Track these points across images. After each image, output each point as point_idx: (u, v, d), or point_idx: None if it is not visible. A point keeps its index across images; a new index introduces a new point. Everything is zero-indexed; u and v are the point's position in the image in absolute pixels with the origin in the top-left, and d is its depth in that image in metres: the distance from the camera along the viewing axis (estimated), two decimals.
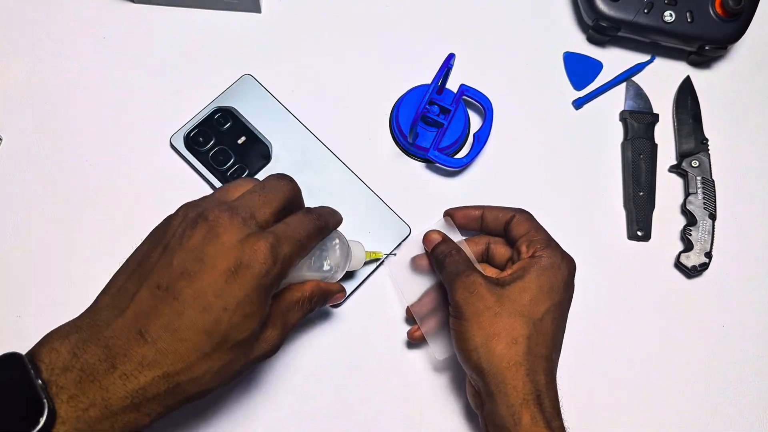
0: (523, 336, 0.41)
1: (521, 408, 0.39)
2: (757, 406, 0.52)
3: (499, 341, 0.41)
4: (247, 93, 0.54)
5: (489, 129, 0.54)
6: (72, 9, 0.56)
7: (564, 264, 0.44)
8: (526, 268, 0.43)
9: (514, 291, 0.42)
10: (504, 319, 0.41)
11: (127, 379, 0.33)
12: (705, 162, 0.56)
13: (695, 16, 0.56)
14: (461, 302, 0.42)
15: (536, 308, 0.42)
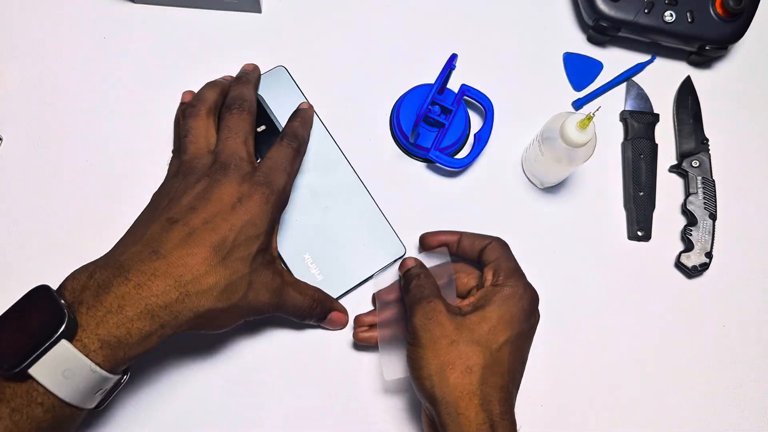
0: (478, 365, 0.40)
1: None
2: (757, 406, 0.52)
3: (454, 370, 0.40)
4: (278, 84, 0.54)
5: (490, 129, 0.54)
6: (72, 9, 0.56)
7: (526, 294, 0.44)
8: (488, 297, 0.43)
9: (474, 320, 0.42)
10: (460, 347, 0.40)
11: (141, 288, 0.36)
12: (705, 162, 0.56)
13: (696, 16, 0.56)
14: (419, 327, 0.42)
15: (495, 338, 0.41)
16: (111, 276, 0.37)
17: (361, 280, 0.51)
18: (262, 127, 0.53)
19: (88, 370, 0.35)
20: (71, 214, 0.51)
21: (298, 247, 0.51)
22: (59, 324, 0.34)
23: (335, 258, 0.51)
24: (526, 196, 0.55)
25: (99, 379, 0.35)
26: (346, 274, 0.51)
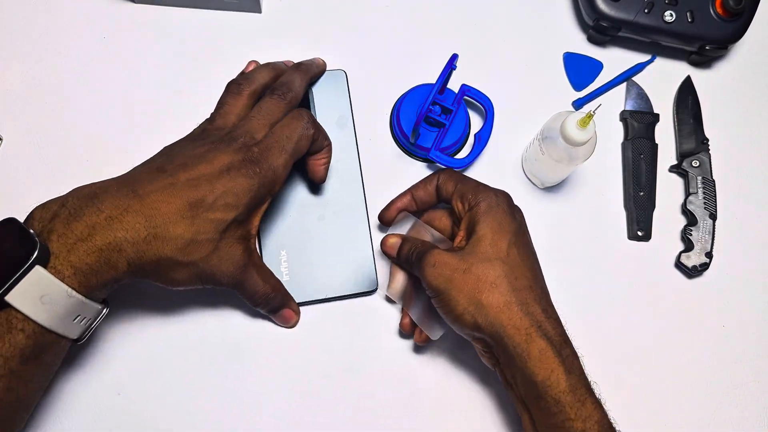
0: (500, 277, 0.41)
1: (527, 344, 0.40)
2: (757, 406, 0.52)
3: (481, 292, 0.41)
4: (332, 85, 0.55)
5: (490, 129, 0.54)
6: (72, 9, 0.56)
7: (500, 198, 0.45)
8: (472, 220, 0.44)
9: (472, 245, 0.43)
10: (474, 271, 0.42)
11: (112, 220, 0.37)
12: (705, 162, 0.56)
13: (696, 16, 0.56)
14: (431, 279, 0.43)
15: (498, 248, 0.43)
16: (83, 205, 0.37)
17: (323, 297, 0.50)
18: None
19: (65, 294, 0.35)
20: None
21: (280, 240, 0.51)
22: (31, 251, 0.34)
23: (308, 266, 0.50)
24: (526, 196, 0.55)
25: (77, 303, 0.36)
26: (312, 286, 0.50)
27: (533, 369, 0.40)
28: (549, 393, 0.39)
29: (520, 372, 0.40)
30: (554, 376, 0.39)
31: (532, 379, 0.40)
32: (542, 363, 0.40)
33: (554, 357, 0.40)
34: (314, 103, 0.54)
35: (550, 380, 0.39)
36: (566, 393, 0.39)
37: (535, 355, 0.40)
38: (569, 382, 0.40)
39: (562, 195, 0.56)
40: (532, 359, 0.40)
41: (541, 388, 0.40)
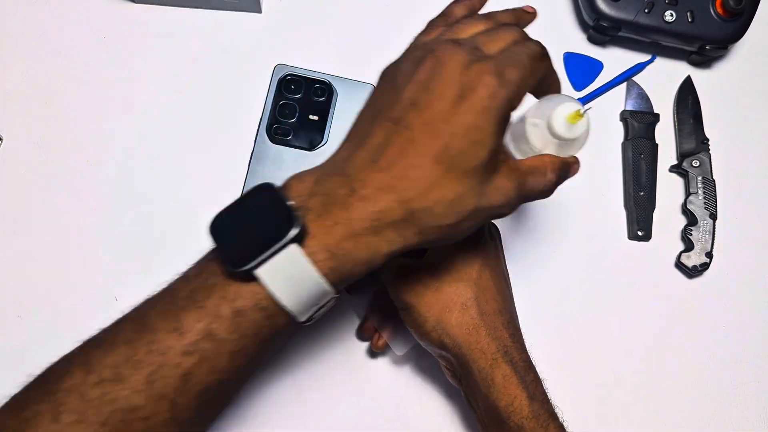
0: (471, 299, 0.41)
1: (491, 369, 0.40)
2: (757, 406, 0.52)
3: (452, 312, 0.41)
4: (357, 96, 0.54)
5: None
6: (72, 9, 0.56)
7: None
8: None
9: (446, 261, 0.42)
10: (446, 289, 0.41)
11: (366, 201, 0.34)
12: (706, 162, 0.56)
13: (696, 16, 0.56)
14: (399, 292, 0.42)
15: (471, 269, 0.42)
16: (338, 185, 0.34)
17: None
18: (316, 117, 0.54)
19: (314, 280, 0.33)
20: (71, 213, 0.51)
21: None
22: (289, 227, 0.32)
23: None
24: None
25: (321, 291, 0.33)
26: None
27: (497, 395, 0.40)
28: (512, 419, 0.39)
29: (482, 396, 0.40)
30: (517, 402, 0.39)
31: (495, 404, 0.40)
32: (506, 389, 0.40)
33: (518, 383, 0.40)
34: (334, 107, 0.54)
35: (513, 406, 0.39)
36: (529, 419, 0.39)
37: (499, 381, 0.40)
38: (532, 408, 0.39)
39: (562, 195, 0.56)
40: (496, 385, 0.40)
41: (504, 414, 0.39)
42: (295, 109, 0.54)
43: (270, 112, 0.53)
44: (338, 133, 0.54)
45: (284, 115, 0.53)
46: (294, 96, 0.54)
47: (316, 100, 0.54)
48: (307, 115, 0.54)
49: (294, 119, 0.53)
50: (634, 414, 0.51)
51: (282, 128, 0.53)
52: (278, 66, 0.54)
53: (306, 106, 0.54)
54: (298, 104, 0.54)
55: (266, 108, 0.54)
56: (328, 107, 0.54)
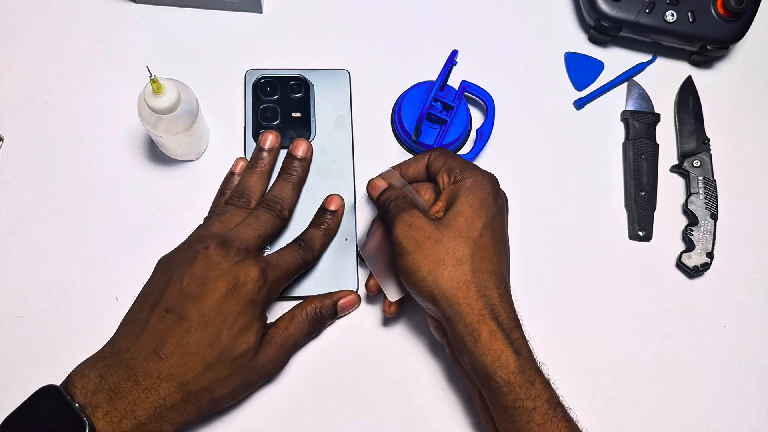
0: (466, 255, 0.42)
1: (478, 324, 0.41)
2: (757, 406, 0.52)
3: (445, 265, 0.42)
4: (334, 84, 0.54)
5: (492, 124, 0.54)
6: (72, 9, 0.56)
7: (486, 179, 0.45)
8: (454, 194, 0.45)
9: (450, 218, 0.43)
10: (445, 243, 0.42)
11: (149, 392, 0.38)
12: (706, 162, 0.56)
13: (697, 16, 0.56)
14: (401, 237, 0.43)
15: (473, 227, 0.43)
16: (122, 379, 0.38)
17: (302, 295, 0.49)
18: (298, 114, 0.53)
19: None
20: (71, 213, 0.51)
21: None
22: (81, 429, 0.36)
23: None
24: (527, 196, 0.55)
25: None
26: (293, 284, 0.49)
27: (482, 350, 0.40)
28: (498, 373, 0.40)
29: (468, 352, 0.41)
30: (503, 357, 0.40)
31: (482, 359, 0.40)
32: (492, 344, 0.40)
33: (504, 339, 0.40)
34: (314, 100, 0.54)
35: (500, 361, 0.40)
36: (515, 373, 0.40)
37: (485, 336, 0.40)
38: (518, 363, 0.40)
39: (562, 195, 0.56)
40: (482, 340, 0.40)
41: (490, 369, 0.40)
42: (276, 111, 0.53)
43: (252, 119, 0.53)
44: (325, 125, 0.53)
45: (266, 118, 0.53)
46: (271, 98, 0.53)
47: (294, 97, 0.54)
48: (290, 113, 0.53)
49: (277, 121, 0.53)
50: (634, 414, 0.51)
51: (263, 129, 0.52)
52: (249, 71, 0.54)
53: (286, 105, 0.53)
54: (277, 105, 0.53)
55: (247, 115, 0.53)
56: (307, 101, 0.54)
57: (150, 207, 0.52)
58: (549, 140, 0.57)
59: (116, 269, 0.50)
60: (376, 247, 0.49)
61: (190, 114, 0.46)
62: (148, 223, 0.51)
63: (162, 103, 0.43)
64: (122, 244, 0.51)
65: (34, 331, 0.49)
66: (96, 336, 0.48)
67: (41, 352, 0.48)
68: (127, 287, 0.49)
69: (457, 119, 0.54)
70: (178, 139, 0.47)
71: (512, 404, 0.40)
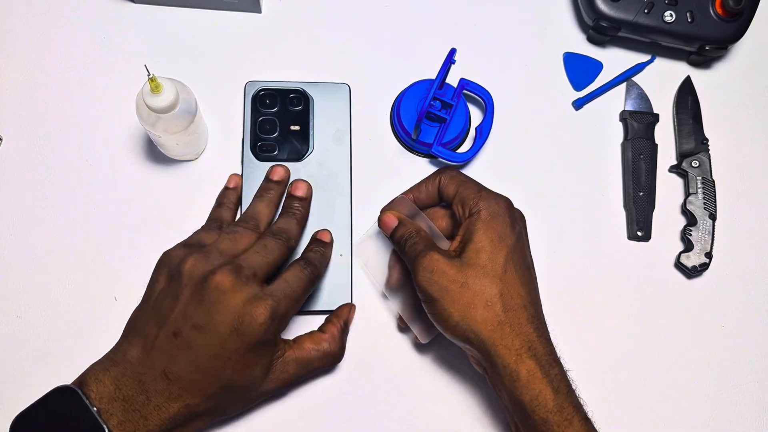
0: (495, 296, 0.42)
1: (516, 365, 0.40)
2: (757, 406, 0.52)
3: (476, 308, 0.41)
4: (334, 98, 0.54)
5: (491, 121, 0.54)
6: (72, 9, 0.56)
7: (500, 207, 0.45)
8: (471, 229, 0.44)
9: (470, 256, 0.43)
10: (471, 286, 0.42)
11: (160, 409, 0.40)
12: (705, 162, 0.56)
13: (695, 16, 0.56)
14: (425, 285, 0.43)
15: (496, 264, 0.42)
16: (135, 392, 0.40)
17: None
18: (297, 127, 0.53)
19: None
20: (70, 213, 0.51)
21: None
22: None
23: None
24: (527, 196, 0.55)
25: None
26: None
27: (521, 389, 0.40)
28: (537, 412, 0.40)
29: (507, 390, 0.41)
30: (542, 397, 0.40)
31: (520, 398, 0.40)
32: (530, 384, 0.40)
33: (542, 377, 0.40)
34: (313, 113, 0.53)
35: (538, 400, 0.40)
36: (553, 413, 0.40)
37: (524, 375, 0.40)
38: (556, 402, 0.40)
39: (562, 195, 0.56)
40: (520, 380, 0.40)
41: (528, 408, 0.40)
42: (275, 123, 0.53)
43: (250, 131, 0.52)
44: (323, 139, 0.53)
45: (265, 131, 0.52)
46: (271, 110, 0.53)
47: (293, 110, 0.53)
48: (288, 126, 0.53)
49: (276, 133, 0.52)
50: (634, 414, 0.51)
51: (266, 144, 0.52)
52: (249, 83, 0.53)
53: (285, 117, 0.53)
54: (276, 117, 0.53)
55: (246, 127, 0.52)
56: (306, 115, 0.53)
57: (149, 207, 0.52)
58: (547, 140, 0.57)
59: (115, 269, 0.50)
60: (398, 285, 0.49)
61: (189, 113, 0.46)
62: (147, 223, 0.51)
63: (160, 102, 0.43)
64: (121, 244, 0.51)
65: (33, 331, 0.49)
66: (95, 336, 0.48)
67: (40, 351, 0.48)
68: (126, 287, 0.50)
69: (456, 117, 0.54)
70: (177, 138, 0.47)
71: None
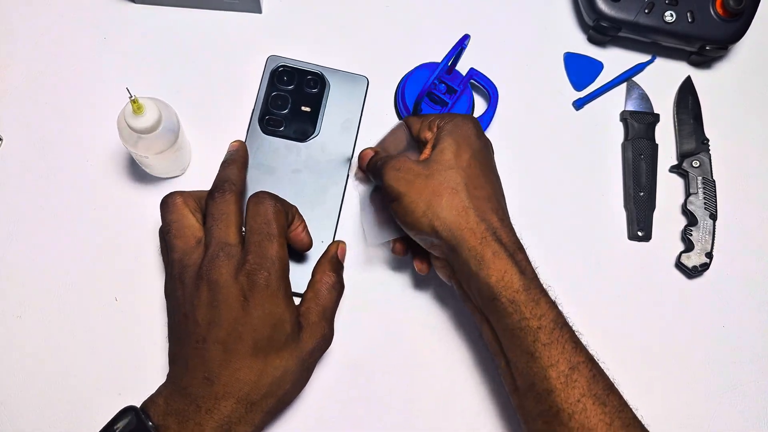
0: (460, 184, 0.43)
1: (481, 246, 0.41)
2: (757, 406, 0.52)
3: (441, 196, 0.42)
4: (350, 88, 0.55)
5: (492, 114, 0.54)
6: (72, 9, 0.56)
7: (467, 119, 0.46)
8: (438, 137, 0.45)
9: (436, 154, 0.44)
10: (436, 176, 0.43)
11: (212, 412, 0.40)
12: (706, 162, 0.56)
13: (696, 16, 0.56)
14: (392, 181, 0.44)
15: (460, 159, 0.44)
16: (184, 405, 0.40)
17: None
18: (308, 108, 0.53)
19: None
20: (70, 214, 0.51)
21: None
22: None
23: None
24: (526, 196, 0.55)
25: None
26: None
27: (487, 271, 0.41)
28: (503, 294, 0.40)
29: (474, 276, 0.41)
30: (507, 277, 0.40)
31: (486, 280, 0.41)
32: (495, 264, 0.41)
33: (507, 259, 0.41)
34: (327, 98, 0.54)
35: (504, 281, 0.40)
36: (520, 292, 0.40)
37: (489, 257, 0.41)
38: (522, 282, 0.40)
39: (562, 195, 0.56)
40: (485, 261, 0.41)
41: (495, 290, 0.40)
42: (288, 101, 0.54)
43: (262, 104, 0.53)
44: (331, 125, 0.53)
45: (276, 106, 0.53)
46: (286, 87, 0.54)
47: (308, 91, 0.54)
48: (300, 106, 0.54)
49: (286, 110, 0.53)
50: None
51: (274, 119, 0.53)
52: (271, 57, 0.54)
53: (298, 97, 0.54)
54: (290, 95, 0.54)
55: (258, 99, 0.53)
56: (320, 99, 0.54)
57: (149, 207, 0.52)
58: (548, 140, 0.57)
59: (115, 269, 0.50)
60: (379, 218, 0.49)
61: (171, 132, 0.46)
62: (147, 224, 0.51)
63: (143, 123, 0.43)
64: (121, 245, 0.51)
65: (33, 331, 0.49)
66: (95, 336, 0.48)
67: (40, 352, 0.48)
68: (126, 287, 0.49)
69: (459, 104, 0.55)
70: (159, 157, 0.47)
71: (518, 324, 0.40)
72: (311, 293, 0.46)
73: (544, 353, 0.39)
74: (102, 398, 0.47)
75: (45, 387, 0.47)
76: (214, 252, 0.42)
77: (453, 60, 0.52)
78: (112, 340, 0.49)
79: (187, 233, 0.44)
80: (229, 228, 0.43)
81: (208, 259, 0.42)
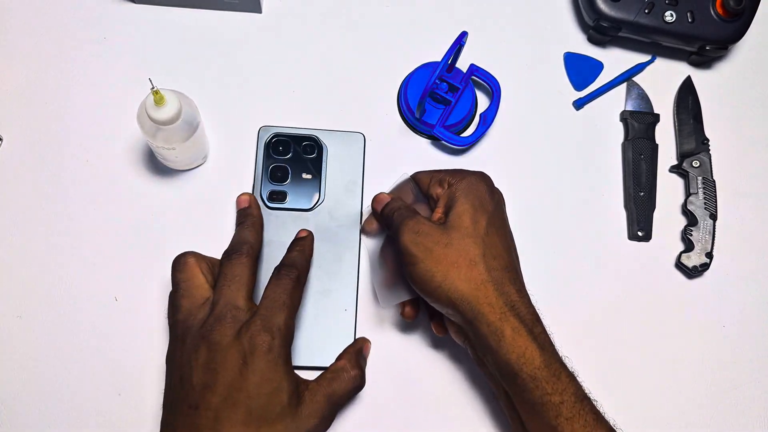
0: (478, 255, 0.42)
1: (501, 323, 0.41)
2: (757, 406, 0.52)
3: (460, 268, 0.42)
4: (347, 146, 0.53)
5: (496, 109, 0.55)
6: (72, 9, 0.56)
7: (479, 178, 0.46)
8: (452, 197, 0.45)
9: (453, 219, 0.44)
10: (455, 246, 0.42)
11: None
12: (706, 162, 0.56)
13: (696, 17, 0.56)
14: (410, 245, 0.43)
15: (478, 225, 0.43)
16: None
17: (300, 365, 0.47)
18: (309, 176, 0.52)
19: None
20: (71, 214, 0.51)
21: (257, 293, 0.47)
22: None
23: None
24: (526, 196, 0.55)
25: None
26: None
27: (507, 348, 0.40)
28: (524, 370, 0.40)
29: (492, 351, 0.41)
30: (528, 354, 0.40)
31: (506, 357, 0.40)
32: (516, 342, 0.40)
33: (527, 335, 0.40)
34: (326, 162, 0.53)
35: (525, 357, 0.40)
36: (541, 369, 0.40)
37: (509, 334, 0.40)
38: (543, 358, 0.40)
39: (562, 195, 0.56)
40: (506, 338, 0.40)
41: (515, 367, 0.40)
42: (287, 171, 0.52)
43: (262, 178, 0.52)
44: (335, 188, 0.52)
45: (277, 178, 0.52)
46: (283, 157, 0.52)
47: (306, 157, 0.52)
48: (300, 174, 0.52)
49: (287, 181, 0.52)
50: (634, 414, 0.51)
51: (276, 192, 0.52)
52: (262, 128, 0.53)
53: (297, 165, 0.52)
54: (288, 165, 0.52)
55: (257, 173, 0.52)
56: (319, 163, 0.52)
57: (149, 207, 0.52)
58: (548, 140, 0.57)
59: (116, 270, 0.50)
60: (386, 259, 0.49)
61: (190, 124, 0.46)
62: (147, 223, 0.51)
63: (163, 114, 0.43)
64: (122, 245, 0.51)
65: (33, 331, 0.49)
66: (95, 336, 0.48)
67: (40, 352, 0.48)
68: (126, 288, 0.49)
69: (462, 101, 0.55)
70: (178, 148, 0.47)
71: (539, 400, 0.40)
72: (330, 375, 0.44)
73: (567, 427, 0.39)
74: (102, 398, 0.47)
75: (45, 387, 0.47)
76: (220, 312, 0.41)
77: (452, 58, 0.52)
78: (112, 340, 0.48)
79: (195, 293, 0.43)
80: (239, 291, 0.42)
81: (213, 318, 0.41)
